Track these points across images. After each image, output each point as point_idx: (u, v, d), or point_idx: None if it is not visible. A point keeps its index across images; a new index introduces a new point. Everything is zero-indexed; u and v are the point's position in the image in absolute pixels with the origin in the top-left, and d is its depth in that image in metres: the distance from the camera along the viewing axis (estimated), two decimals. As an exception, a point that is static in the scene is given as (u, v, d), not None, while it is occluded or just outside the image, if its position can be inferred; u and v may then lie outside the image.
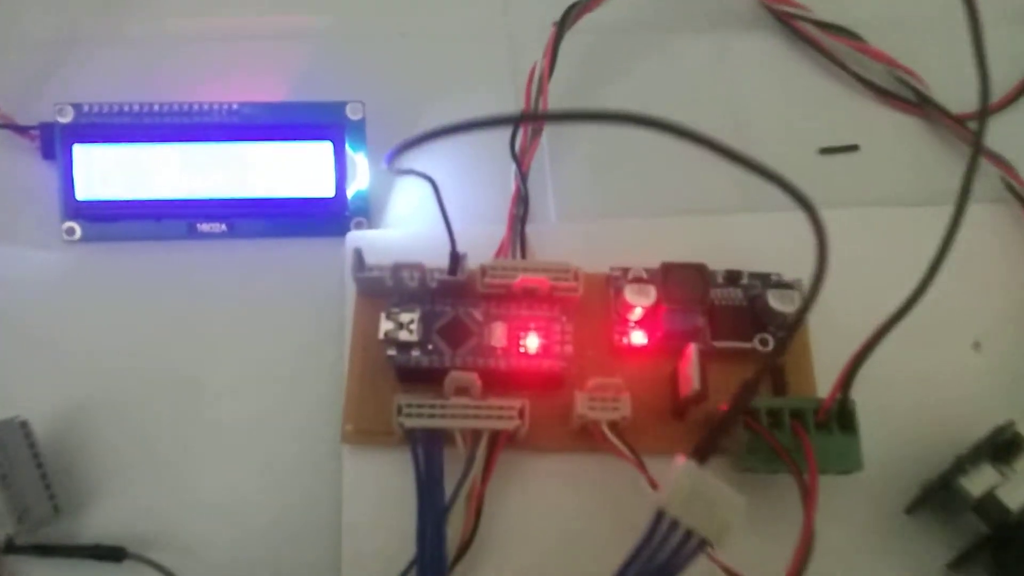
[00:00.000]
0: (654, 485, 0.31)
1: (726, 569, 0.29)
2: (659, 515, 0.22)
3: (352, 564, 0.32)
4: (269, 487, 0.34)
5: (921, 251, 0.32)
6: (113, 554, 0.32)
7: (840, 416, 0.31)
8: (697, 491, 0.21)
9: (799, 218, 0.39)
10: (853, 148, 0.41)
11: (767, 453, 0.30)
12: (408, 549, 0.31)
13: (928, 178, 0.41)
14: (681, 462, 0.22)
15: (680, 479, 0.22)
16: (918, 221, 0.38)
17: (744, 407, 0.22)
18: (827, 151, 0.41)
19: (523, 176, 0.36)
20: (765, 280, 0.35)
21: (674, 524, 0.21)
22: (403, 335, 0.32)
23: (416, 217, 0.39)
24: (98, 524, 0.34)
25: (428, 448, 0.31)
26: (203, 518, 0.34)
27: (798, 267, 0.35)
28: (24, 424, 0.32)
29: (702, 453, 0.22)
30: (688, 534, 0.21)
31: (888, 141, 0.42)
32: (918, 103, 0.42)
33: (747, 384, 0.23)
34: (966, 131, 0.41)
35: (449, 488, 0.31)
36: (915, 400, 0.35)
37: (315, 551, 0.33)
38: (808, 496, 0.28)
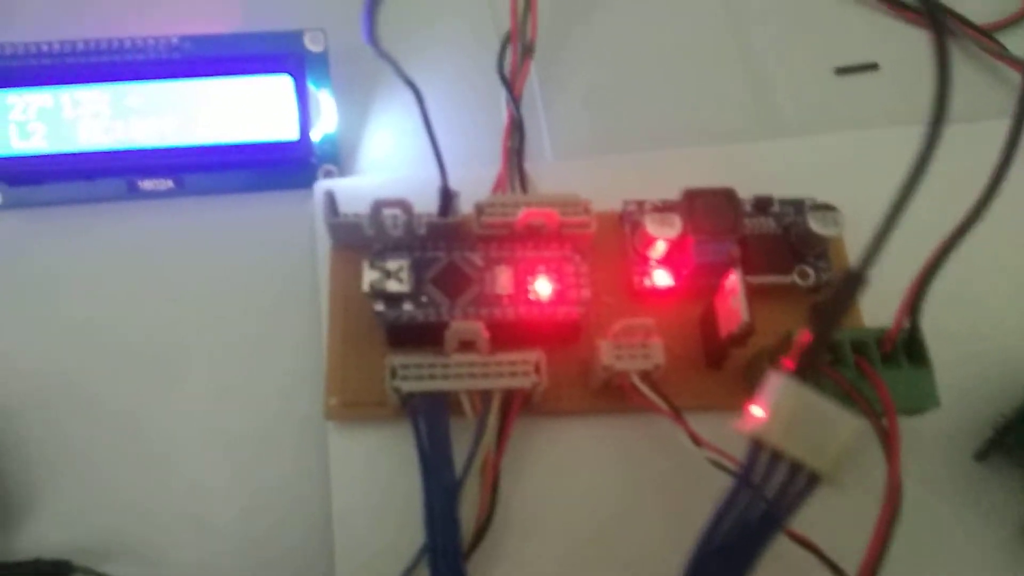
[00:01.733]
0: (697, 441, 0.26)
1: (791, 534, 0.25)
2: (756, 447, 0.17)
3: (348, 561, 0.27)
4: (243, 479, 0.29)
5: (954, 169, 0.28)
6: (57, 570, 0.27)
7: (909, 347, 0.26)
8: (803, 412, 0.17)
9: (823, 143, 0.37)
10: (872, 67, 0.37)
11: (830, 395, 0.26)
12: (413, 538, 0.26)
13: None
14: (778, 378, 0.17)
15: (780, 398, 0.17)
16: (949, 140, 0.35)
17: (850, 298, 0.18)
18: (844, 71, 0.37)
19: (516, 102, 0.31)
20: (799, 206, 0.31)
21: (775, 457, 0.17)
22: (392, 285, 0.27)
23: (393, 164, 0.34)
24: (38, 536, 0.28)
25: (431, 417, 0.26)
26: (165, 523, 0.29)
27: (829, 193, 0.31)
28: (-62, 422, 0.27)
29: (803, 368, 0.17)
30: (794, 468, 0.17)
31: (909, 57, 0.38)
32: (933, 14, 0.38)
33: (848, 275, 0.18)
34: (992, 43, 0.37)
35: (456, 464, 0.26)
36: (981, 328, 0.31)
37: (303, 551, 0.28)
38: (890, 440, 0.24)
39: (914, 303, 0.26)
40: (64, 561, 0.27)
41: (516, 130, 0.31)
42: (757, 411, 0.18)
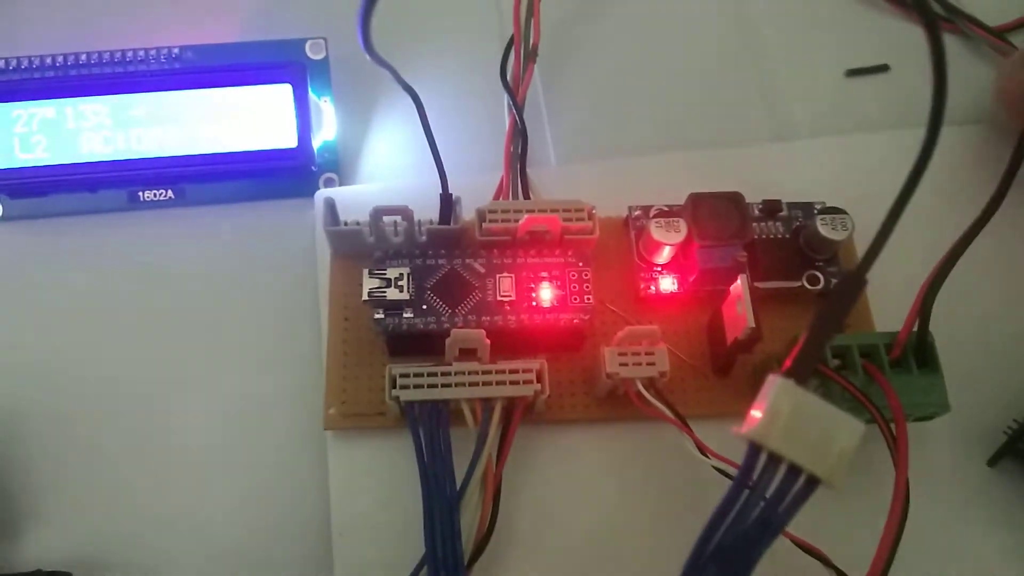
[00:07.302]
0: (704, 449, 0.26)
1: (797, 542, 0.25)
2: (754, 450, 0.17)
3: (348, 573, 0.27)
4: (243, 490, 0.29)
5: (968, 171, 0.27)
6: (57, 582, 0.27)
7: (919, 351, 0.26)
8: (800, 414, 0.16)
9: (832, 145, 0.36)
10: (883, 68, 0.37)
11: (837, 400, 0.25)
12: (413, 549, 0.25)
13: (962, 96, 0.36)
14: (775, 381, 0.17)
15: (776, 400, 0.17)
16: (958, 141, 0.35)
17: (848, 298, 0.17)
18: (855, 72, 0.37)
19: (518, 108, 0.31)
20: (807, 210, 0.30)
21: (773, 460, 0.16)
22: (393, 293, 0.27)
23: (394, 171, 0.34)
24: (39, 547, 0.28)
25: (431, 426, 0.26)
26: (166, 534, 0.28)
27: (839, 197, 0.31)
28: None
29: (800, 371, 0.17)
30: (793, 472, 0.17)
31: (919, 59, 0.37)
32: (948, 17, 0.37)
33: (847, 275, 0.18)
34: (1004, 43, 0.37)
35: (457, 475, 0.26)
36: (993, 331, 0.31)
37: (303, 562, 0.28)
38: (898, 446, 0.23)
39: (923, 307, 0.26)
40: (65, 572, 0.27)
41: (519, 135, 0.31)
42: (756, 414, 0.17)
